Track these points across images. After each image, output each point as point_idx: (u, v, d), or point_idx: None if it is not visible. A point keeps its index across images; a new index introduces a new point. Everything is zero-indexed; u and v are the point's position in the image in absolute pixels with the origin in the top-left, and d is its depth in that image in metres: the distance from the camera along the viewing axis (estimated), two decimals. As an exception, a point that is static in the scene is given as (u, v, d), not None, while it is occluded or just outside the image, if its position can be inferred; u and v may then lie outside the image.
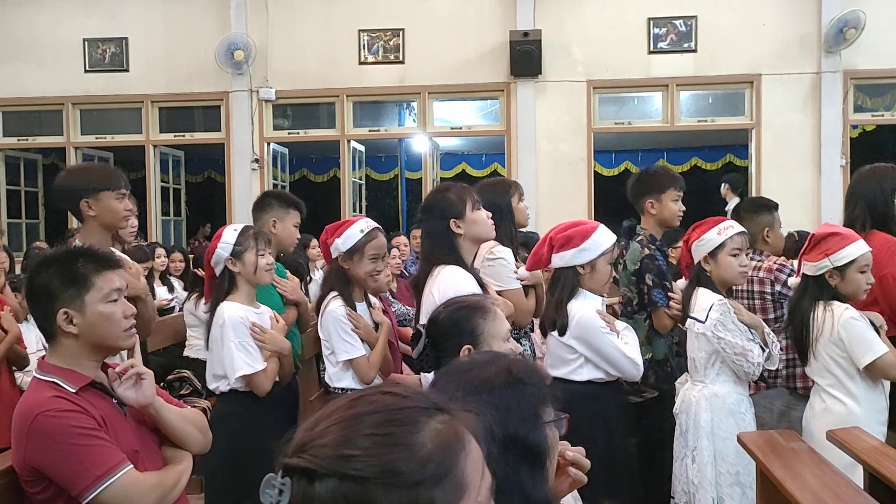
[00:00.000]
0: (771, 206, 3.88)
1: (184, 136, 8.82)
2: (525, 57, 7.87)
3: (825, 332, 2.75)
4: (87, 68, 8.57)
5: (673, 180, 3.59)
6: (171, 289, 6.53)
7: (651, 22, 8.06)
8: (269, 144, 8.64)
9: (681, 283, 3.29)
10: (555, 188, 8.14)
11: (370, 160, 11.06)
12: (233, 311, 2.78)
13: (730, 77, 8.10)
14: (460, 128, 9.21)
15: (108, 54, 8.53)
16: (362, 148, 9.26)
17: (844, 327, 2.72)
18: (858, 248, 2.79)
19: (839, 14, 7.58)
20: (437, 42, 8.26)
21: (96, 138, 8.83)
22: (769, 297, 3.42)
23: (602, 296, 2.96)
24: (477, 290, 2.73)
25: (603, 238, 2.87)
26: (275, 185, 8.84)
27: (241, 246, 2.84)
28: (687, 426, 2.90)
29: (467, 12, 8.26)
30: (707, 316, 2.84)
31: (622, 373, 2.83)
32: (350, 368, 2.76)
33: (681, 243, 3.32)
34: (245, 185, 8.40)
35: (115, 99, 8.63)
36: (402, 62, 8.35)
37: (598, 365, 2.82)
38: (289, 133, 8.86)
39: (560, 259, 2.87)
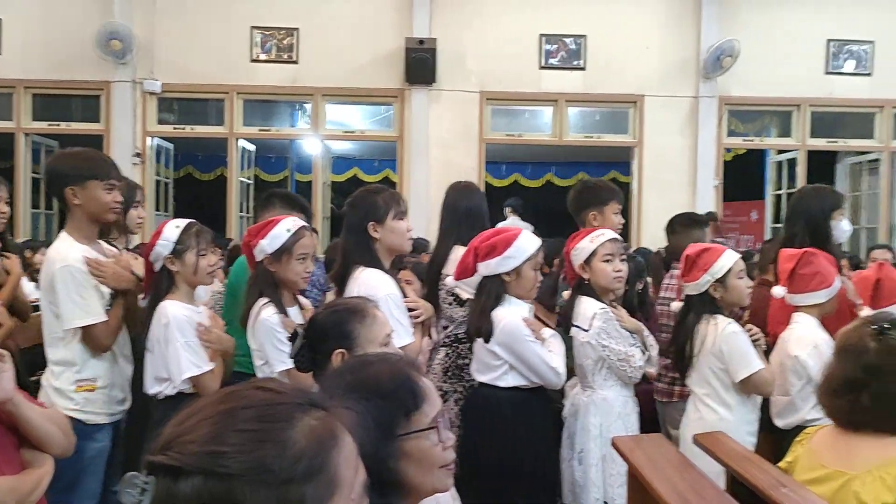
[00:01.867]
0: (702, 222, 4.02)
1: (59, 125, 8.34)
2: (420, 64, 7.91)
3: (707, 344, 2.87)
4: (-47, 48, 8.01)
5: (614, 193, 3.64)
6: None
7: (543, 38, 8.27)
8: (152, 139, 8.31)
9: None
10: (446, 196, 8.18)
11: (260, 160, 10.82)
12: (177, 309, 2.63)
13: (616, 96, 8.41)
14: (353, 132, 9.15)
15: (-22, 35, 8.00)
16: (252, 147, 9.05)
17: (726, 341, 2.83)
18: (731, 257, 2.93)
19: (717, 42, 8.01)
20: (332, 44, 8.18)
21: (-38, 124, 8.25)
22: None
23: (529, 301, 2.99)
24: (396, 291, 2.72)
25: (526, 244, 2.89)
26: (157, 182, 8.51)
27: (182, 244, 2.70)
28: (574, 429, 2.97)
29: (364, 16, 8.22)
30: (591, 325, 2.91)
31: (543, 381, 2.87)
32: (287, 378, 2.54)
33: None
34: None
35: (-16, 83, 8.09)
36: (295, 62, 8.22)
37: (521, 372, 2.85)
38: (174, 128, 8.54)
39: (486, 268, 2.87)
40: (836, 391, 1.87)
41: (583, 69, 8.32)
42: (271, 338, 2.53)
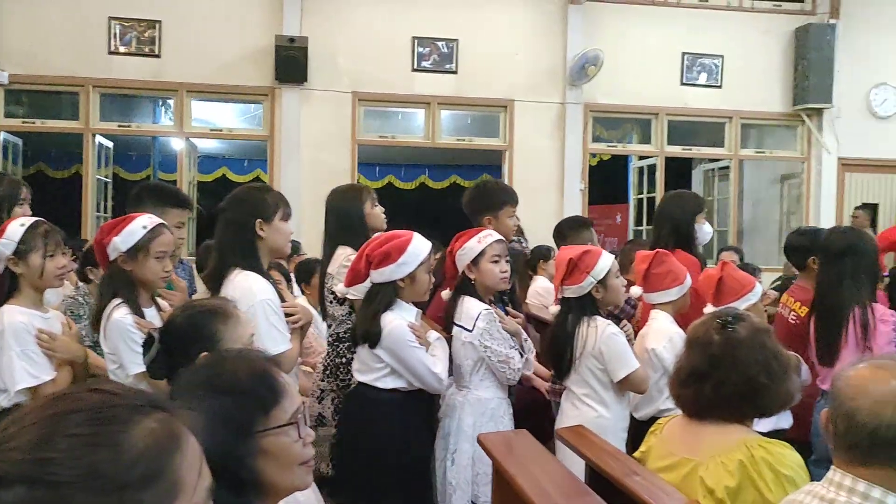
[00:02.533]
0: (588, 224, 4.13)
1: None
2: (290, 63, 7.77)
3: (588, 345, 2.94)
4: None
5: (510, 196, 3.67)
6: None
7: (415, 41, 8.32)
8: (-2, 133, 7.76)
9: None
10: (318, 198, 8.03)
11: (119, 158, 10.28)
12: (14, 316, 2.43)
13: (487, 100, 8.57)
14: (220, 130, 8.88)
15: None
16: (110, 144, 8.60)
17: (606, 342, 2.91)
18: (608, 258, 3.05)
19: (581, 51, 8.32)
20: (197, 39, 7.90)
21: None
22: None
23: (419, 306, 2.98)
24: (273, 296, 2.63)
25: (419, 248, 2.87)
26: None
27: (27, 245, 2.50)
28: (449, 429, 2.98)
29: (231, 11, 7.99)
30: (474, 325, 2.94)
31: (425, 386, 2.86)
32: (143, 382, 2.37)
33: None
34: (-33, 176, 7.45)
35: None
36: (157, 56, 7.88)
37: (402, 375, 2.83)
38: (23, 122, 8.01)
39: (380, 275, 2.84)
40: (684, 382, 1.98)
41: (455, 73, 8.43)
42: (125, 339, 2.38)
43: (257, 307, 2.55)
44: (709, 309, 2.91)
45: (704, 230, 3.70)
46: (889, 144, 9.28)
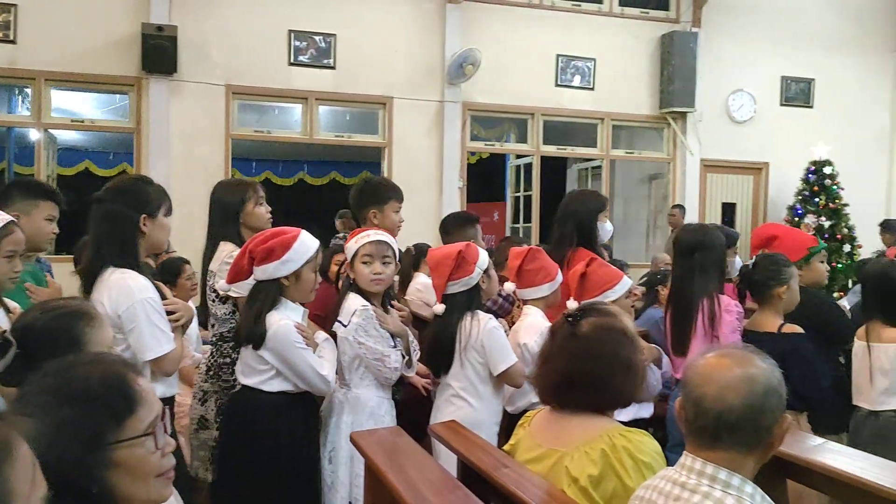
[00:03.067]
0: (474, 220, 4.13)
1: None
2: (158, 52, 7.44)
3: (470, 339, 2.97)
4: None
5: (395, 192, 3.65)
6: None
7: (292, 34, 8.16)
8: None
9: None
10: (190, 194, 7.76)
11: (-30, 149, 9.60)
12: None
13: (365, 97, 8.52)
14: (82, 121, 8.42)
15: None
16: (-41, 134, 8.00)
17: (487, 336, 2.96)
18: (484, 252, 3.14)
19: (459, 50, 8.41)
20: (56, 24, 7.44)
21: None
22: None
23: (304, 304, 2.90)
24: (154, 294, 2.52)
25: (305, 246, 2.79)
26: None
27: None
28: (328, 428, 2.93)
29: (94, -4, 7.58)
30: (350, 320, 2.90)
31: (311, 389, 2.79)
32: None
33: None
34: None
35: None
36: (13, 41, 7.36)
37: (287, 377, 2.74)
38: None
39: (262, 272, 2.74)
40: (539, 375, 2.03)
41: (333, 68, 8.33)
42: None
43: (137, 306, 2.46)
44: (571, 303, 2.99)
45: (606, 228, 3.83)
46: (745, 147, 9.91)
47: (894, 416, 3.24)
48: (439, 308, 3.06)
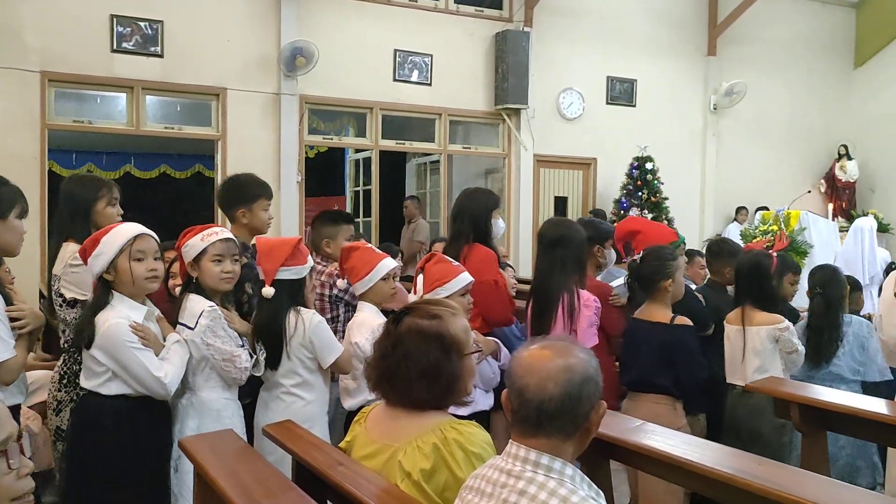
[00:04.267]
0: (348, 219, 4.13)
1: None
2: (-38, 34, 6.80)
3: (297, 336, 2.94)
4: None
5: (263, 190, 3.58)
6: None
7: (115, 19, 7.69)
8: None
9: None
10: None
11: None
12: None
13: (197, 87, 8.18)
14: None
15: None
16: None
17: (314, 332, 2.95)
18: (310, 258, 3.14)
19: (291, 42, 8.25)
20: None
21: None
22: (328, 298, 3.74)
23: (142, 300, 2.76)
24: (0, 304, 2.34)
25: (116, 235, 2.68)
26: None
27: None
28: (173, 434, 2.80)
29: None
30: (197, 322, 2.80)
31: (148, 391, 2.65)
32: None
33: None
34: None
35: None
36: None
37: (125, 381, 2.61)
38: None
39: (88, 271, 2.63)
40: (372, 370, 2.05)
41: (161, 56, 7.93)
42: None
43: None
44: (410, 298, 3.04)
45: (499, 225, 3.90)
46: (575, 143, 10.42)
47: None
48: (268, 291, 2.99)
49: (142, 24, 7.82)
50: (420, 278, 3.21)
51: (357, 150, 9.89)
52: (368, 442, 2.07)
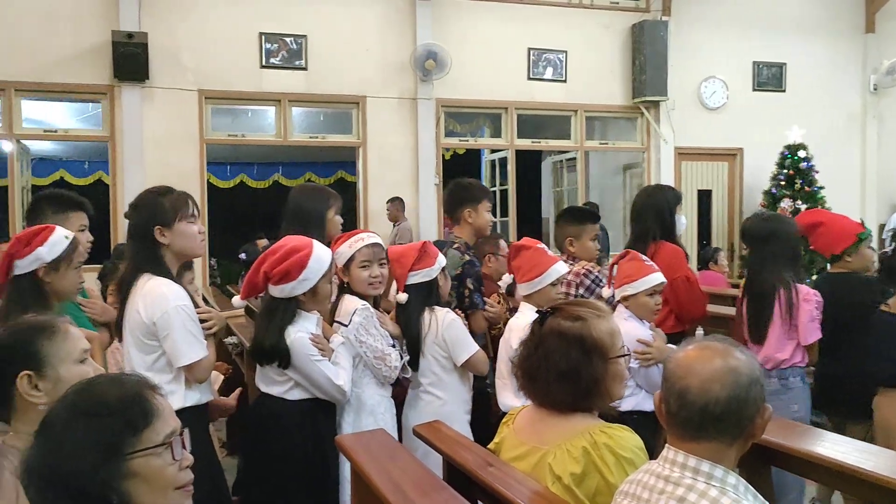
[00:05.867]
0: (593, 218, 3.99)
1: None
2: (130, 60, 7.39)
3: (431, 334, 3.02)
4: None
5: (486, 192, 3.79)
6: None
7: (262, 37, 8.12)
8: None
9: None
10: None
11: (-59, 163, 9.45)
12: None
13: (338, 97, 8.50)
14: (55, 131, 8.33)
15: None
16: (-72, 148, 7.88)
17: (447, 329, 3.01)
18: (442, 256, 3.17)
19: (426, 45, 8.40)
20: (25, 34, 7.36)
21: None
22: (573, 297, 3.63)
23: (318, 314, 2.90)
24: (187, 302, 2.52)
25: (320, 261, 2.76)
26: None
27: None
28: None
29: (61, 5, 7.49)
30: (350, 320, 2.90)
31: (329, 398, 2.79)
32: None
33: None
34: None
35: None
36: (-20, 53, 7.29)
37: (306, 388, 2.75)
38: None
39: (279, 292, 2.72)
40: (525, 373, 2.04)
41: (305, 69, 8.30)
42: None
43: (171, 313, 2.46)
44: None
45: (682, 221, 3.86)
46: (718, 134, 9.99)
47: None
48: (402, 297, 3.07)
49: (287, 39, 8.21)
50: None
51: (493, 151, 9.93)
52: (517, 444, 2.07)
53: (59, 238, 2.55)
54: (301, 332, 2.73)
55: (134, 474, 1.29)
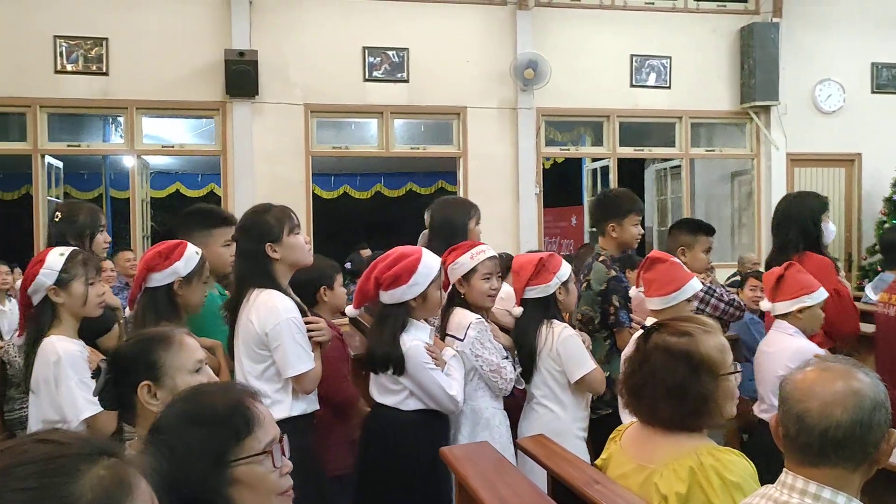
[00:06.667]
0: (708, 230, 3.93)
1: None
2: (241, 77, 7.71)
3: (546, 347, 3.00)
4: None
5: (633, 204, 3.64)
6: None
7: (366, 51, 8.31)
8: (-59, 157, 7.56)
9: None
10: (273, 211, 8.01)
11: (70, 177, 10.10)
12: (67, 345, 2.41)
13: (439, 108, 8.60)
14: (172, 146, 8.77)
15: None
16: (60, 164, 8.43)
17: (563, 344, 2.98)
18: (567, 265, 3.14)
19: (525, 54, 8.38)
20: (145, 55, 7.79)
21: None
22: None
23: (432, 322, 2.96)
24: (297, 315, 2.62)
25: (429, 267, 2.82)
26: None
27: (68, 273, 2.48)
28: (449, 442, 2.93)
29: (178, 27, 7.90)
30: (465, 334, 2.93)
31: (441, 408, 2.83)
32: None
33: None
34: None
35: None
36: (105, 73, 7.75)
37: (420, 398, 2.80)
38: (-33, 145, 7.82)
39: (391, 297, 2.80)
40: (630, 390, 2.00)
41: (406, 81, 8.44)
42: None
43: (283, 325, 2.55)
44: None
45: (830, 229, 3.65)
46: (835, 138, 9.53)
47: None
48: (517, 311, 3.10)
49: (390, 52, 8.37)
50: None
51: (594, 159, 9.80)
52: (624, 461, 2.03)
53: (192, 254, 2.69)
54: (416, 341, 2.78)
55: (238, 481, 1.35)
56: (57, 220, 3.15)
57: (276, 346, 2.56)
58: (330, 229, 10.09)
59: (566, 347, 2.99)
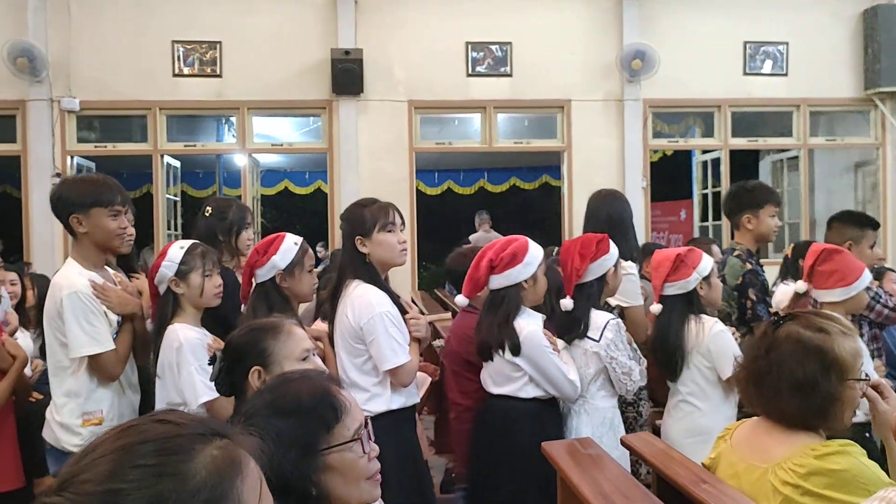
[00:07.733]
0: (875, 225, 3.83)
1: (-28, 146, 8.04)
2: (347, 75, 7.86)
3: (695, 343, 2.95)
4: None
5: (770, 195, 3.61)
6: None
7: (469, 46, 8.31)
8: (72, 158, 8.05)
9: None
10: (378, 206, 8.14)
11: (186, 176, 10.60)
12: (188, 332, 2.56)
13: (543, 101, 8.50)
14: (281, 144, 9.04)
15: None
16: (177, 163, 8.85)
17: (714, 340, 2.92)
18: (708, 258, 3.07)
19: (637, 47, 8.18)
20: (255, 57, 8.07)
21: None
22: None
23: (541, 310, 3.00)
24: (392, 308, 2.66)
25: (538, 248, 2.93)
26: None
27: (187, 265, 2.64)
28: (570, 434, 2.94)
29: (288, 28, 8.14)
30: (601, 335, 2.91)
31: (561, 393, 2.85)
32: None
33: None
34: (44, 200, 7.73)
35: None
36: (219, 76, 8.08)
37: (539, 384, 2.82)
38: (95, 146, 8.30)
39: (506, 278, 2.84)
40: (751, 377, 1.90)
41: (510, 76, 8.39)
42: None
43: (376, 319, 2.60)
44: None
45: None
46: (971, 125, 8.85)
47: None
48: (656, 308, 3.05)
49: (493, 47, 8.35)
50: None
51: (704, 151, 9.47)
52: (735, 460, 1.94)
53: (290, 245, 2.73)
54: (534, 325, 2.81)
55: (329, 468, 1.39)
56: (207, 214, 3.20)
57: (370, 339, 2.60)
58: (433, 225, 10.16)
59: (717, 343, 2.92)
